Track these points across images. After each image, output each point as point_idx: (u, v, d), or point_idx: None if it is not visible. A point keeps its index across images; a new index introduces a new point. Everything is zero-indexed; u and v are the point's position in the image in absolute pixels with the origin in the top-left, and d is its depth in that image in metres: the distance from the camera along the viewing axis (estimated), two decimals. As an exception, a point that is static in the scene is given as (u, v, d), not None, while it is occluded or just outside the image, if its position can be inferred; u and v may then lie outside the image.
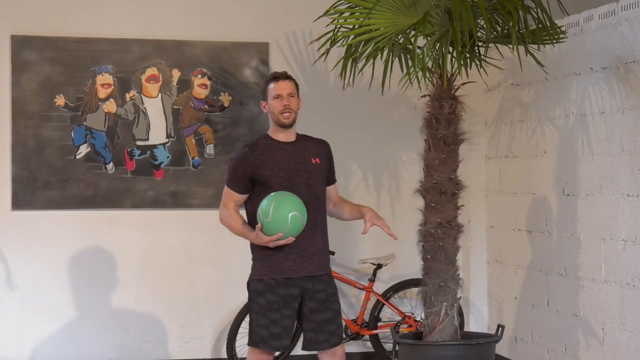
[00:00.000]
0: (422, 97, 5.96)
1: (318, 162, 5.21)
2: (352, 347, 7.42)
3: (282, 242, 4.98)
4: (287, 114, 5.13)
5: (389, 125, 7.67)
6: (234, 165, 5.18)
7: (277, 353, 6.37)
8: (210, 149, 7.41)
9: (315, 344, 5.16)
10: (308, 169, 5.16)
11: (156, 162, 7.33)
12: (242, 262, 7.34)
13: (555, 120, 6.74)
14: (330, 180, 5.34)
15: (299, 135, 5.27)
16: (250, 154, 5.14)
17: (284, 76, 5.19)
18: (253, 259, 5.23)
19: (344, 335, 7.05)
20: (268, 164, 5.11)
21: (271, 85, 5.16)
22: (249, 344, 5.19)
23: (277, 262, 5.11)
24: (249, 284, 5.25)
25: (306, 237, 5.09)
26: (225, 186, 5.22)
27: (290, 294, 5.10)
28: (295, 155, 5.16)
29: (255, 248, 5.20)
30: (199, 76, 7.39)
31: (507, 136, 7.40)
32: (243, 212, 5.27)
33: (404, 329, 7.25)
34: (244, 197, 5.18)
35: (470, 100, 6.31)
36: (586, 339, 6.39)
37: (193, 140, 7.38)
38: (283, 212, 4.90)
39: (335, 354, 5.21)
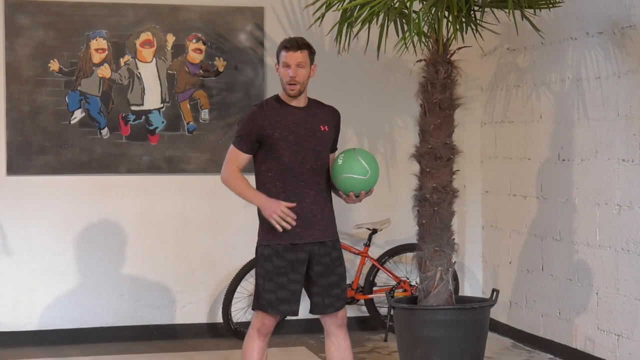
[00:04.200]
0: (417, 62, 5.94)
1: (327, 130, 5.16)
2: (347, 311, 7.40)
3: (287, 210, 4.98)
4: (292, 86, 5.05)
5: (385, 90, 7.66)
6: (242, 123, 5.13)
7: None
8: (205, 114, 7.39)
9: (322, 308, 5.17)
10: (317, 135, 5.12)
11: (151, 127, 7.31)
12: (237, 228, 7.38)
13: (550, 85, 6.73)
14: (333, 148, 5.33)
15: (310, 100, 5.20)
16: (259, 113, 5.09)
17: (296, 46, 5.05)
18: (260, 224, 5.17)
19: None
20: (277, 127, 5.06)
21: (282, 53, 5.07)
22: (253, 308, 5.16)
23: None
24: (257, 249, 5.20)
25: (313, 204, 5.08)
26: (232, 145, 5.15)
27: (297, 258, 5.08)
28: (305, 120, 5.11)
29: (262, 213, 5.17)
30: (194, 41, 7.36)
31: (503, 101, 7.38)
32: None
33: (399, 293, 7.28)
34: (248, 157, 5.12)
35: (466, 65, 6.29)
36: (580, 303, 6.41)
37: (188, 106, 7.37)
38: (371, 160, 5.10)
39: (337, 316, 5.22)
